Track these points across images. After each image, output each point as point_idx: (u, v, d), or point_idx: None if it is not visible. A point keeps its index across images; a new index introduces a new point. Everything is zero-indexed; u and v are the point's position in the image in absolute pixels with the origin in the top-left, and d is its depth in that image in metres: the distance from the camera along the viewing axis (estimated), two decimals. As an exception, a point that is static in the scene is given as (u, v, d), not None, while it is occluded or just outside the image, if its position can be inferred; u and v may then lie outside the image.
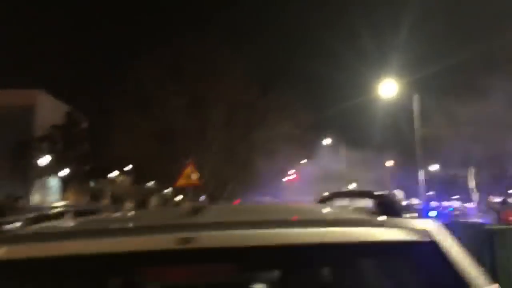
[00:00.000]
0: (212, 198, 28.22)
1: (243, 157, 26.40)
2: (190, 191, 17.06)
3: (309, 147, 31.05)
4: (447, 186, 27.78)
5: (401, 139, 28.38)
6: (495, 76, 25.21)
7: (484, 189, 27.60)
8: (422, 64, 29.48)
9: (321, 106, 29.32)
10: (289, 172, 39.23)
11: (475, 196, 27.33)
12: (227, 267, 1.48)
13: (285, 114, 26.18)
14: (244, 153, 26.21)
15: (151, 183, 43.01)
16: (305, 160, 37.16)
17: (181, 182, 15.91)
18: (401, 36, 30.26)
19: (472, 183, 28.32)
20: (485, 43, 26.23)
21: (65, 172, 32.52)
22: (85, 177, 32.10)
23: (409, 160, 27.31)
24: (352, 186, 40.07)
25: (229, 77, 23.99)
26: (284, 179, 40.31)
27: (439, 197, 28.32)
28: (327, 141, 37.58)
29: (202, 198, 23.80)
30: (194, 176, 15.95)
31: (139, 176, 38.28)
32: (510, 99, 24.96)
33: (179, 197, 32.92)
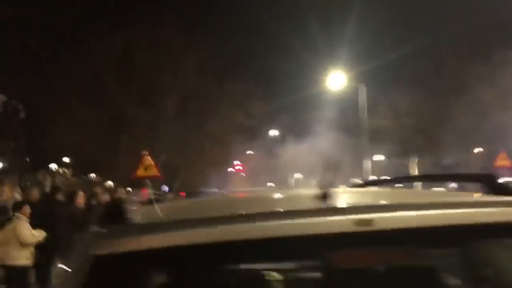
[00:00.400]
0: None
1: (194, 148, 26.02)
2: (148, 183, 16.47)
3: (257, 138, 31.14)
4: (391, 175, 28.75)
5: (348, 130, 29.08)
6: (440, 68, 26.57)
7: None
8: (369, 56, 30.30)
9: (272, 98, 29.32)
10: (234, 163, 39.21)
11: (417, 184, 28.51)
12: (403, 250, 1.50)
13: (238, 104, 26.05)
14: (195, 144, 25.83)
15: (92, 175, 41.33)
16: (251, 151, 37.28)
17: (139, 173, 15.35)
18: (348, 28, 30.91)
19: (414, 172, 29.52)
20: (430, 36, 27.38)
21: (1, 164, 30.57)
22: (24, 169, 30.28)
23: (355, 150, 28.00)
24: (298, 176, 40.82)
25: (183, 66, 23.46)
26: (230, 170, 40.21)
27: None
28: (274, 132, 37.88)
29: (165, 189, 23.21)
30: (153, 167, 15.48)
31: (79, 168, 36.68)
32: (452, 91, 26.37)
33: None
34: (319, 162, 32.30)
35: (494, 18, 24.06)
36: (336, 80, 26.30)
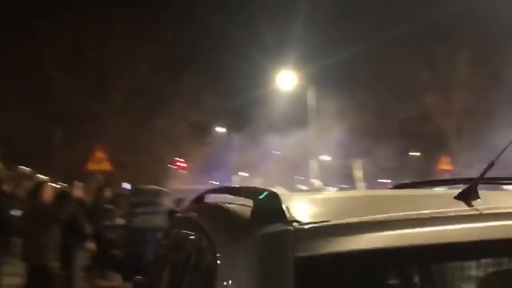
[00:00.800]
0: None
1: (141, 143, 25.12)
2: (99, 178, 15.61)
3: (205, 135, 30.64)
4: (338, 176, 29.33)
5: (296, 129, 29.34)
6: (384, 71, 27.49)
7: (368, 179, 29.90)
8: (318, 57, 30.61)
9: (224, 96, 28.79)
10: (178, 160, 38.28)
11: (361, 185, 29.20)
12: None
13: (190, 101, 25.52)
14: (142, 139, 24.93)
15: (22, 167, 38.70)
16: (197, 148, 36.58)
17: (91, 166, 14.57)
18: (297, 27, 31.10)
19: (359, 174, 30.23)
20: (377, 38, 28.13)
21: None
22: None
23: (303, 149, 28.26)
24: (245, 174, 40.62)
25: (135, 59, 22.53)
26: (172, 167, 39.25)
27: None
28: (221, 129, 37.36)
29: (126, 186, 22.06)
30: (106, 162, 14.72)
31: (8, 159, 34.27)
32: (397, 93, 27.32)
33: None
34: (266, 161, 32.46)
35: (441, 21, 25.17)
36: (286, 79, 26.55)
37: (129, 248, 11.56)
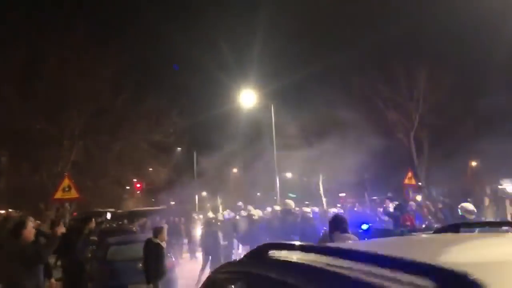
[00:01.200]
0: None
1: (99, 166, 24.12)
2: (67, 207, 14.83)
3: (166, 155, 29.78)
4: (302, 192, 29.44)
5: (260, 147, 29.21)
6: (341, 90, 28.00)
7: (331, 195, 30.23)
8: (280, 76, 30.93)
9: (188, 116, 28.16)
10: (134, 181, 37.11)
11: (323, 201, 29.37)
12: None
13: (153, 121, 24.81)
14: (101, 162, 23.94)
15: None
16: (151, 168, 35.68)
17: (58, 195, 13.80)
18: (258, 49, 31.38)
19: (321, 190, 30.44)
20: (335, 57, 28.64)
21: None
22: None
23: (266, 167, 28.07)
24: (204, 194, 40.02)
25: (95, 79, 21.60)
26: (128, 188, 38.03)
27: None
28: (182, 149, 36.64)
29: (108, 216, 20.98)
30: (73, 189, 13.98)
31: None
32: (353, 111, 27.77)
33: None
34: (228, 180, 32.05)
35: (399, 39, 25.96)
36: (248, 98, 26.46)
37: (107, 281, 10.90)
